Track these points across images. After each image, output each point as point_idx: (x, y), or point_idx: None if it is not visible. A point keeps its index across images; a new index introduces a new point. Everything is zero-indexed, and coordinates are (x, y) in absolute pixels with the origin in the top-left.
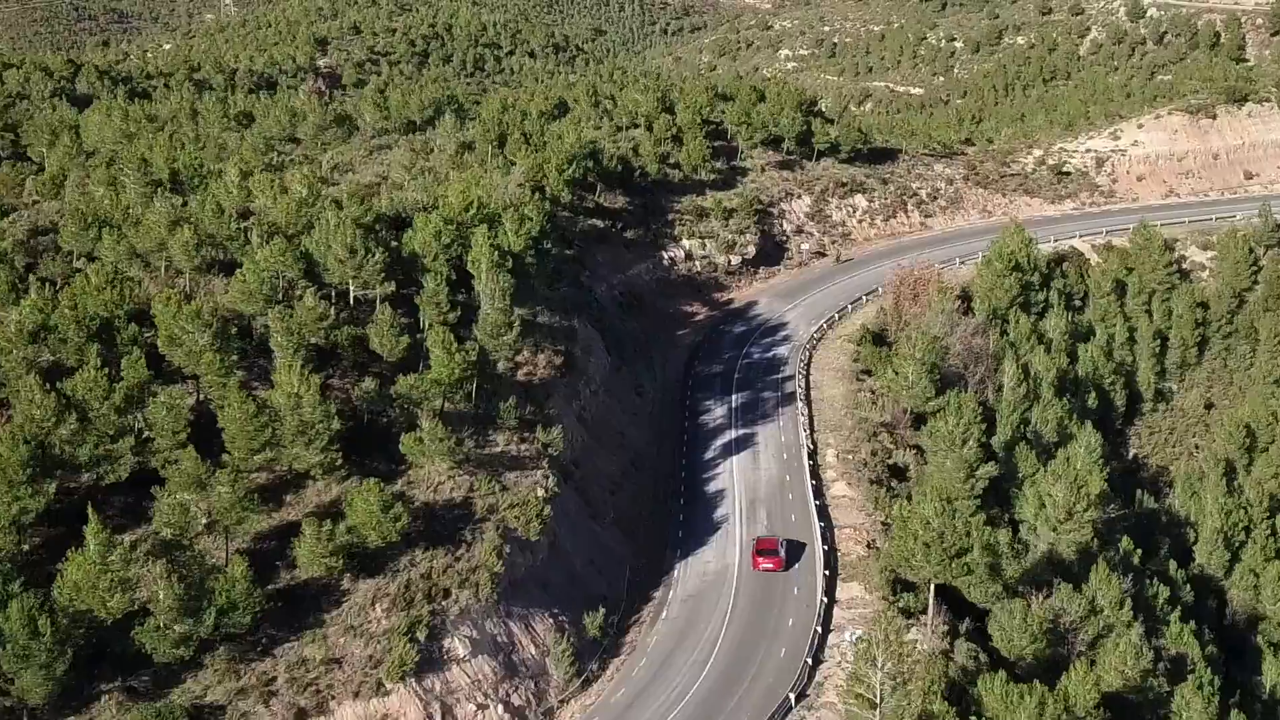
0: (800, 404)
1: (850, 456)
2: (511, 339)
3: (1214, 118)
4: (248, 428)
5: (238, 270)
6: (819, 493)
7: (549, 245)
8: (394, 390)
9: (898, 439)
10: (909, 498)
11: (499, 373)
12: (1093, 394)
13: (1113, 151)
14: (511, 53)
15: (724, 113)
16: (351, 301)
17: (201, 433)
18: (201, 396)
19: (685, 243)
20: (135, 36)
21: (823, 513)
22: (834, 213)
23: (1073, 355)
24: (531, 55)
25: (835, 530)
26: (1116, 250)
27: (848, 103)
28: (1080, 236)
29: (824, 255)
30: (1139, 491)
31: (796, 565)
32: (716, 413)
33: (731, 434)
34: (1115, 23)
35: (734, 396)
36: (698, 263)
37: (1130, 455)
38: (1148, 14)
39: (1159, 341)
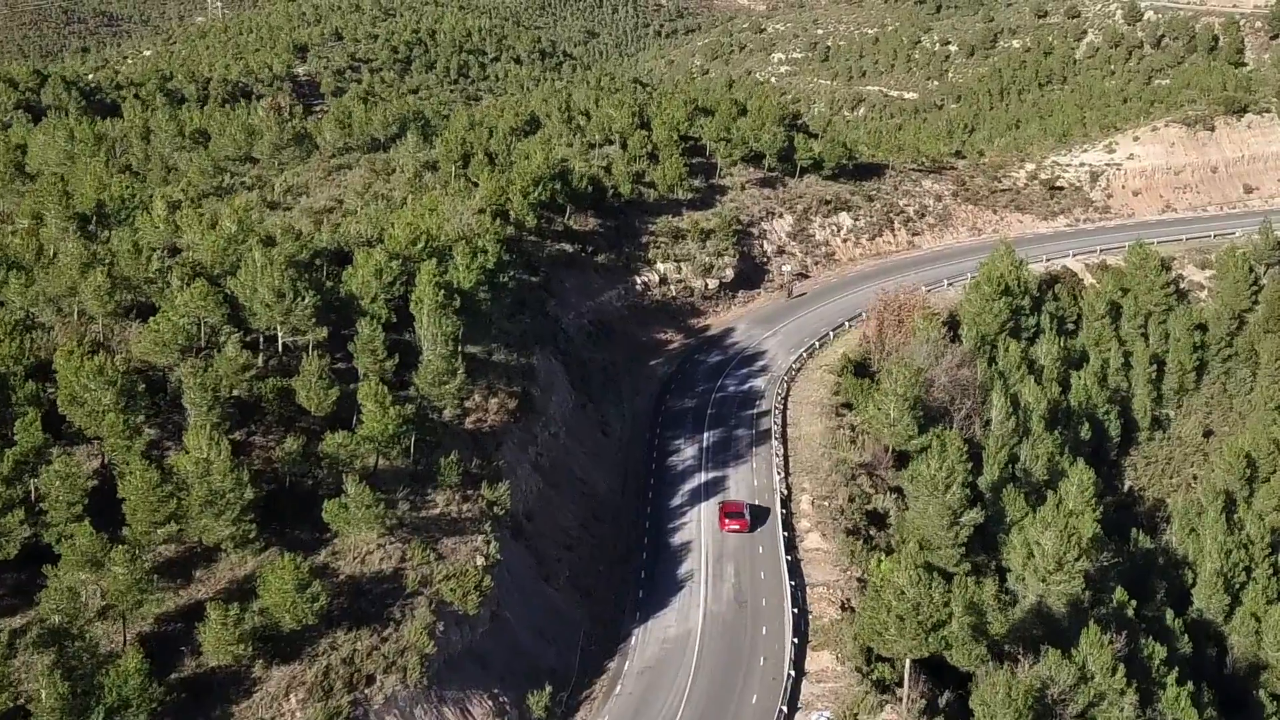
0: (776, 443)
1: (826, 503)
2: (455, 387)
3: (1212, 129)
4: (150, 498)
5: (153, 317)
6: (791, 546)
7: (507, 278)
8: (322, 449)
9: (877, 482)
10: (887, 550)
11: (446, 421)
12: (1085, 425)
13: (1108, 165)
14: (496, 59)
15: (703, 128)
16: (280, 348)
17: (105, 503)
18: (106, 461)
19: (660, 266)
20: (125, 40)
21: (794, 569)
22: (817, 232)
23: (1065, 383)
24: (517, 61)
25: (807, 589)
26: (1111, 270)
27: (831, 117)
28: (1073, 255)
29: (806, 277)
30: (1135, 530)
31: (765, 630)
32: (687, 453)
33: (702, 477)
34: (1112, 26)
35: (706, 434)
36: (673, 287)
37: (1126, 488)
38: (1145, 17)
39: (1155, 366)
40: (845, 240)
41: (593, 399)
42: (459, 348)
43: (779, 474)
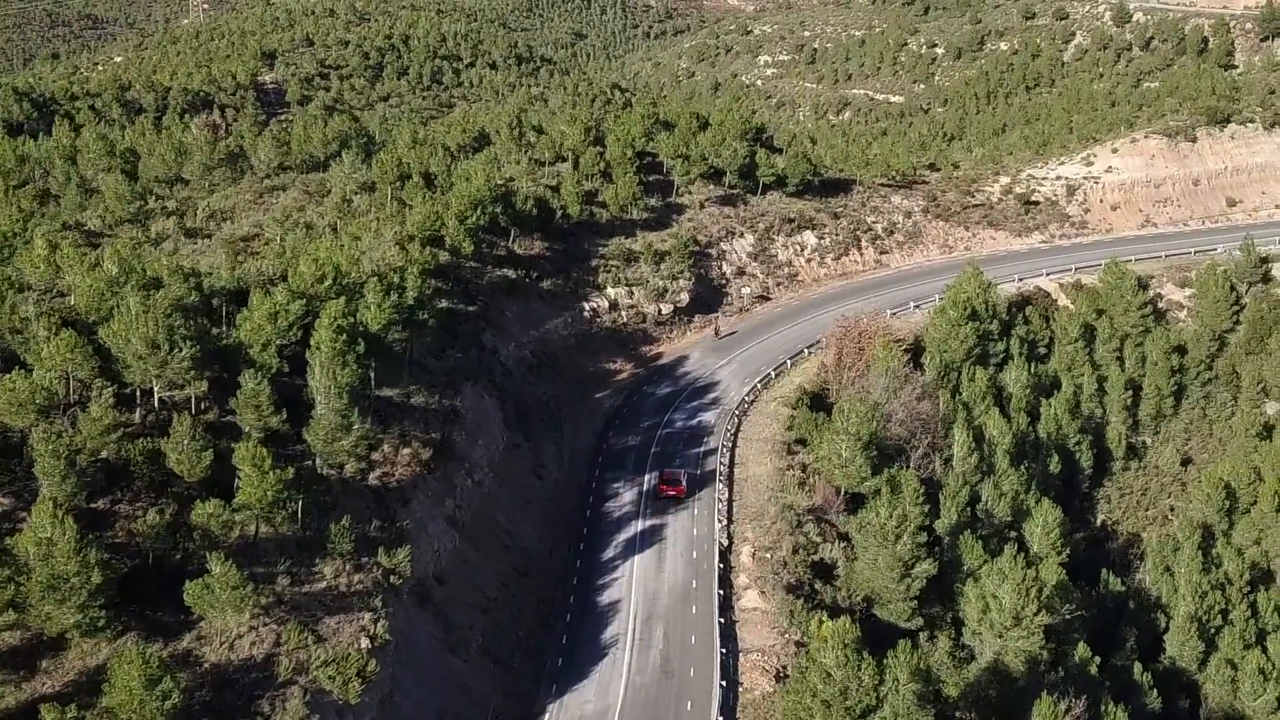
0: (720, 486)
1: (769, 555)
2: (350, 443)
3: (1194, 141)
4: None
5: (7, 374)
6: (726, 605)
7: (428, 314)
8: (192, 519)
9: (826, 529)
10: (833, 608)
11: (346, 477)
12: (1055, 458)
13: (1085, 178)
14: (472, 64)
15: (661, 144)
16: (157, 404)
17: None
18: None
19: (610, 291)
20: (109, 44)
21: (728, 633)
22: (779, 252)
23: (1035, 413)
24: (493, 67)
25: (740, 656)
26: (1086, 290)
27: (796, 133)
28: (1047, 274)
29: (767, 299)
30: (1105, 571)
31: (690, 706)
32: (625, 498)
33: (639, 525)
34: (1100, 28)
35: (648, 476)
36: (624, 313)
37: (1099, 522)
38: (1134, 19)
39: (1131, 392)
40: (809, 260)
41: (529, 438)
42: (366, 397)
43: (720, 522)
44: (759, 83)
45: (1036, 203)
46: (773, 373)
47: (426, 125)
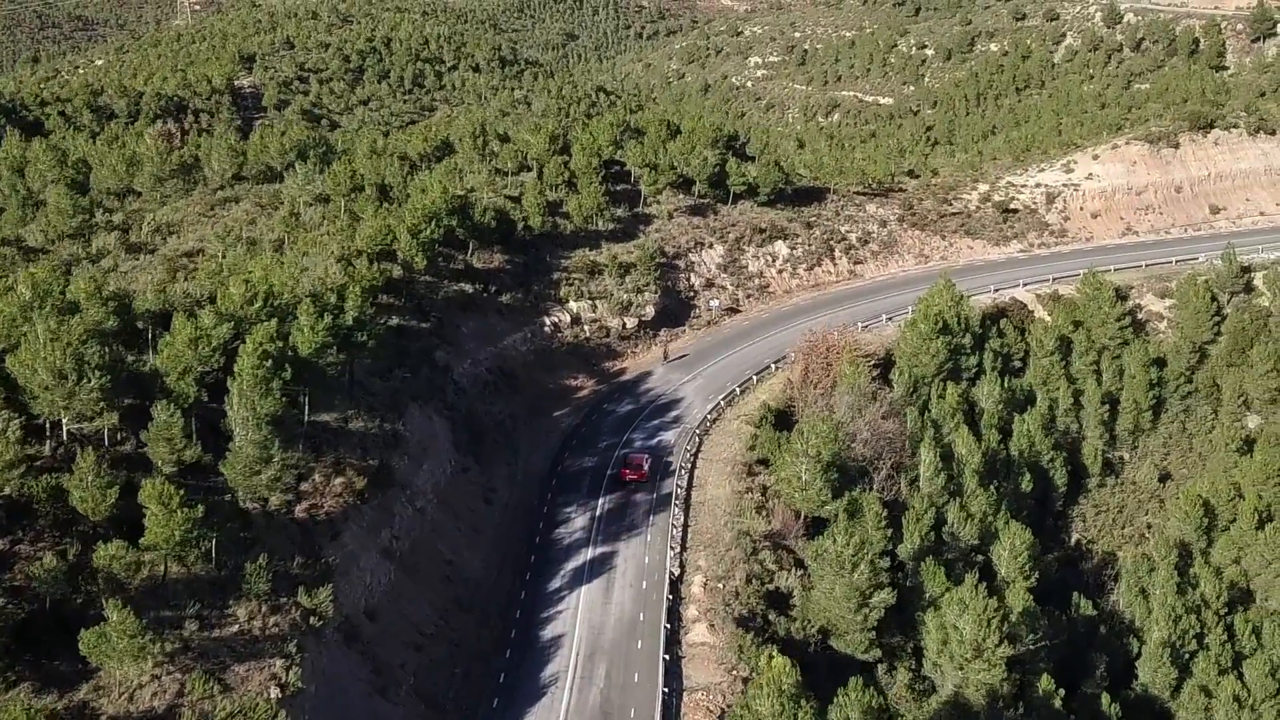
0: (677, 510)
1: (721, 585)
2: (270, 477)
3: (1177, 146)
4: None
5: None
6: (673, 639)
7: (367, 335)
8: (94, 561)
9: (783, 557)
10: (785, 641)
11: (270, 510)
12: (1026, 476)
13: (1065, 185)
14: (454, 67)
15: (629, 153)
16: (65, 437)
17: None
18: None
19: (573, 305)
20: (98, 46)
21: (673, 670)
22: (750, 263)
23: (1008, 429)
24: (476, 70)
25: (684, 695)
26: (1063, 301)
27: (768, 142)
28: (1024, 285)
29: (736, 311)
30: (1076, 595)
31: None
32: (577, 523)
33: (589, 553)
34: (1091, 29)
35: (602, 500)
36: (586, 327)
37: (1073, 541)
38: (1125, 19)
39: (1107, 406)
40: (781, 271)
41: (481, 461)
42: (299, 424)
43: (673, 549)
44: (749, 84)
45: (1015, 211)
46: (737, 389)
47: (404, 130)
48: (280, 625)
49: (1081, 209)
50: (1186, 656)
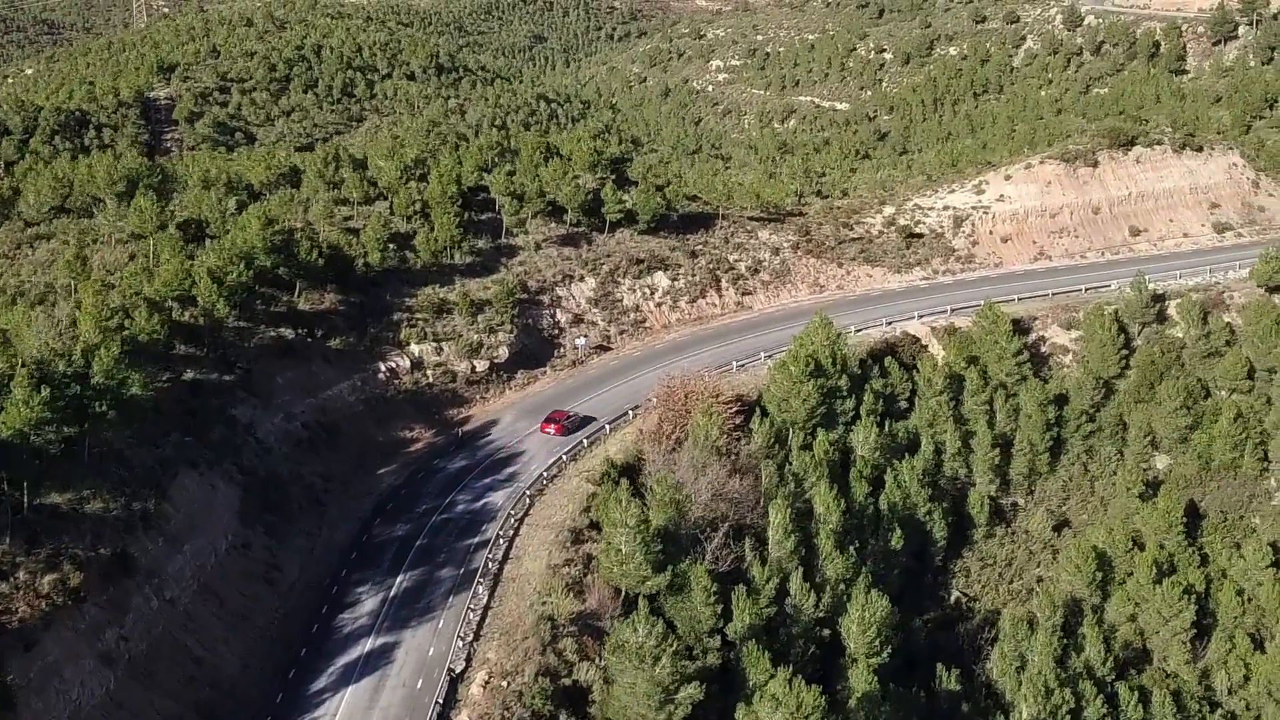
0: (481, 589)
1: (506, 683)
2: None
3: (1095, 165)
4: None
5: None
6: None
7: (107, 404)
8: None
9: (588, 645)
10: None
11: None
12: (897, 533)
13: (974, 208)
14: (388, 75)
15: (494, 179)
16: None
17: None
18: None
19: (414, 348)
20: (63, 48)
21: None
22: (626, 296)
23: (878, 482)
24: (411, 77)
25: None
26: (959, 335)
27: (653, 164)
28: (919, 317)
29: (607, 349)
30: (940, 666)
31: None
32: (365, 606)
33: (368, 644)
34: (1051, 32)
35: (401, 577)
36: (430, 372)
37: (953, 599)
38: (1085, 22)
39: (998, 450)
40: (660, 304)
41: (274, 532)
42: (18, 510)
43: (462, 639)
44: (710, 88)
45: (920, 235)
46: (585, 441)
47: (326, 142)
48: None
49: (991, 233)
50: None
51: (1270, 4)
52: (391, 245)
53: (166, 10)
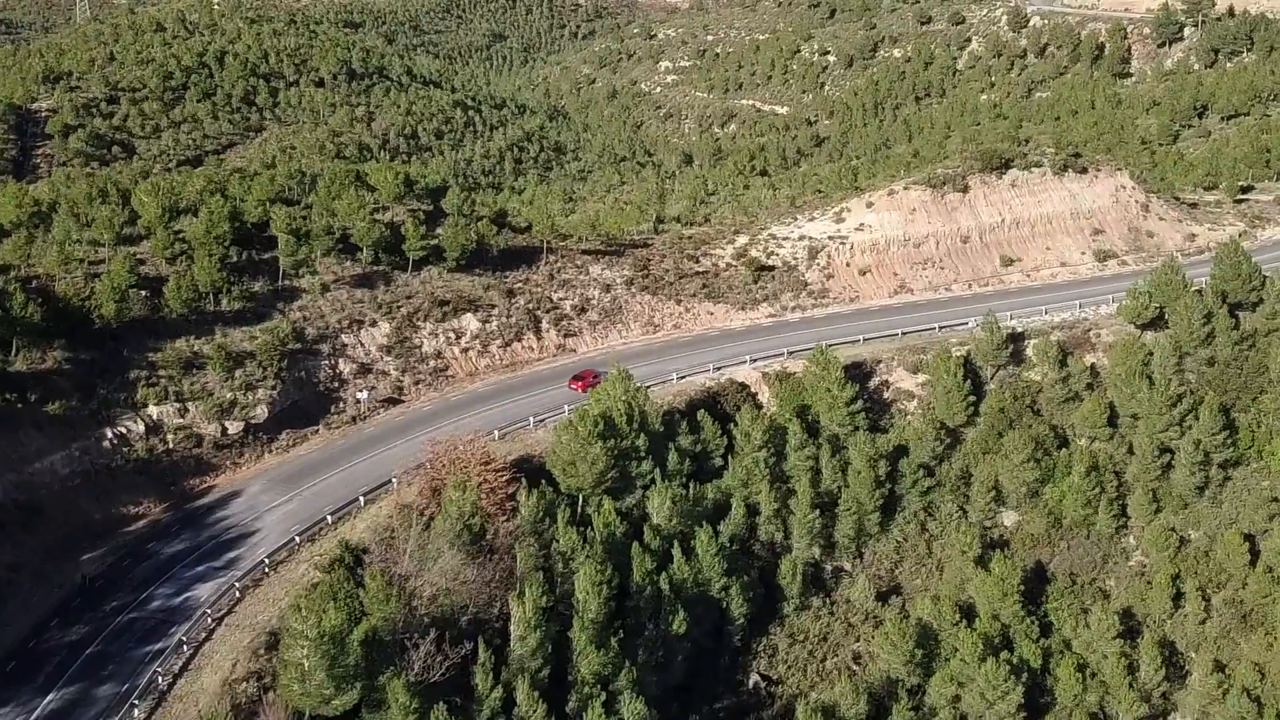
0: (138, 711)
1: None
2: None
3: (965, 190)
4: None
5: None
6: None
7: None
8: None
9: None
10: None
11: None
12: (679, 615)
13: (832, 238)
14: (295, 83)
15: (277, 214)
16: None
17: None
18: None
19: (153, 409)
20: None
21: None
22: (426, 341)
23: (687, 549)
24: (319, 84)
25: None
26: (791, 381)
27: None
28: (751, 361)
29: (399, 401)
30: None
31: None
32: None
33: None
34: (996, 33)
35: (52, 696)
36: (170, 436)
37: (751, 683)
38: (1031, 23)
39: (818, 511)
40: (467, 350)
41: None
42: None
43: None
44: (657, 90)
45: (772, 268)
46: (330, 518)
47: (215, 155)
48: None
49: (848, 265)
50: None
51: (1215, 5)
52: (143, 292)
53: (111, 15)
